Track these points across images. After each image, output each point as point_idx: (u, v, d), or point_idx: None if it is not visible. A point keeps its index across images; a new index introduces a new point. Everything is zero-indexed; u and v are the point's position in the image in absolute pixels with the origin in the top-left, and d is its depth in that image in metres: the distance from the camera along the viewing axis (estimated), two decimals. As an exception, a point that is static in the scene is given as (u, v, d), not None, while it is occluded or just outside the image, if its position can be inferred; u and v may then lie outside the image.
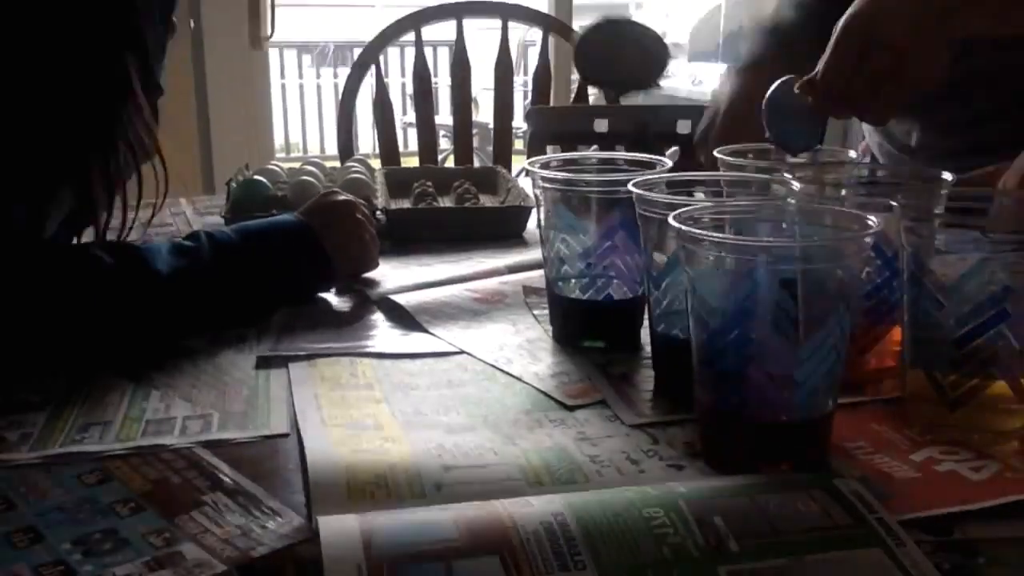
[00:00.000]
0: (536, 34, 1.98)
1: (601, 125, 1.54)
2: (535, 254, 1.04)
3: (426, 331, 0.83)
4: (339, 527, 0.47)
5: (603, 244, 0.77)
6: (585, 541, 0.46)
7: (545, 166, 0.78)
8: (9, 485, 0.57)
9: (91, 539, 0.52)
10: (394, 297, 0.89)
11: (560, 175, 0.77)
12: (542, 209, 0.79)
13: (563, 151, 1.34)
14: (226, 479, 0.58)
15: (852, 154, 0.89)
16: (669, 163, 0.78)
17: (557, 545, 0.45)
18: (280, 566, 0.50)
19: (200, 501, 0.55)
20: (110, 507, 0.55)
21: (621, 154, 0.86)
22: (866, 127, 1.16)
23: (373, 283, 0.95)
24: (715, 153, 0.84)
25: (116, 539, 0.51)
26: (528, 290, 0.92)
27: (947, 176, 0.70)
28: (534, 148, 1.57)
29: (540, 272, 0.95)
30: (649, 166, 0.78)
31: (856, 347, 0.72)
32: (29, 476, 0.58)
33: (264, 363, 0.76)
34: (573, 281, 0.80)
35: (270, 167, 1.25)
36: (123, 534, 0.52)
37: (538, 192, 0.78)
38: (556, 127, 1.55)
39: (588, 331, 0.80)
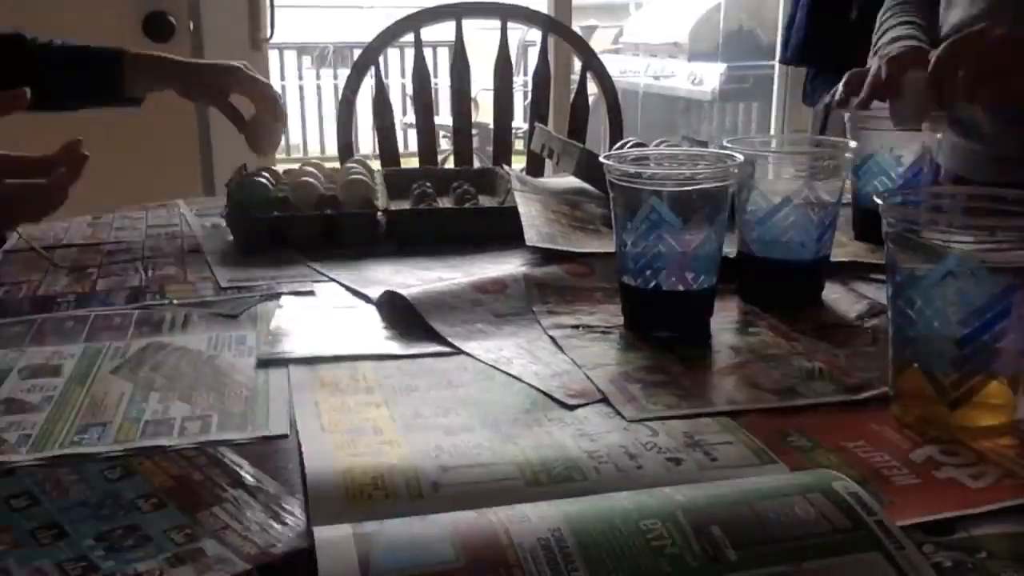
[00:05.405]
0: (536, 34, 1.97)
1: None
2: (537, 256, 1.04)
3: (426, 324, 0.83)
4: (336, 542, 0.47)
5: (651, 234, 0.79)
6: (582, 557, 0.46)
7: (616, 158, 0.81)
8: (34, 481, 0.58)
9: (114, 535, 0.52)
10: (394, 287, 0.89)
11: (613, 165, 0.80)
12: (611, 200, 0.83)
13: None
14: (247, 476, 0.58)
15: (852, 144, 0.90)
16: (741, 158, 0.81)
17: (555, 563, 0.46)
18: (301, 565, 0.50)
19: (221, 498, 0.55)
20: (132, 503, 0.55)
21: (706, 151, 0.89)
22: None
23: (374, 285, 0.95)
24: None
25: (138, 535, 0.52)
26: (529, 282, 0.92)
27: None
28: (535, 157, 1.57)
29: (544, 269, 0.95)
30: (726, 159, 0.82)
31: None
32: (53, 472, 0.59)
33: (264, 364, 0.76)
34: (630, 271, 0.82)
35: (270, 168, 1.25)
36: (145, 530, 0.52)
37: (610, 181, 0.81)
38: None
39: (655, 320, 0.82)
